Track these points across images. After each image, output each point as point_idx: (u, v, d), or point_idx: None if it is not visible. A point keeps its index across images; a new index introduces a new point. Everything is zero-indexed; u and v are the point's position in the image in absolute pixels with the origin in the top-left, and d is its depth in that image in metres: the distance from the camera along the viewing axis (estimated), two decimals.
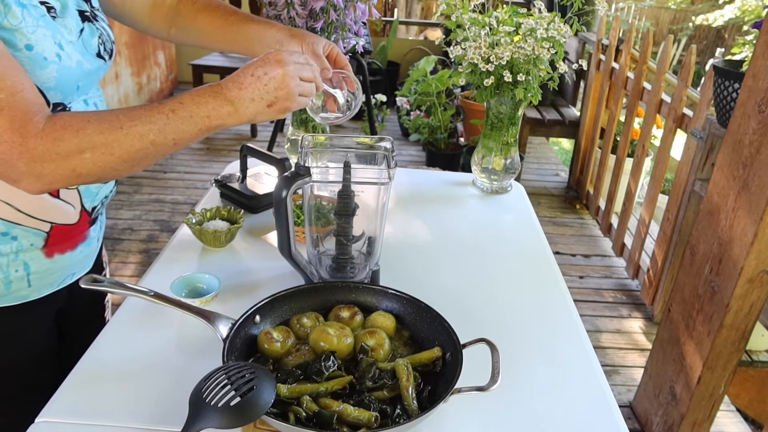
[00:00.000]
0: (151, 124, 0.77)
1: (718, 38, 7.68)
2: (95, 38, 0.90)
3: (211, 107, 0.79)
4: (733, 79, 1.83)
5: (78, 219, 0.95)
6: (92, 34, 0.90)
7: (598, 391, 0.87)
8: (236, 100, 0.80)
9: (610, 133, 3.27)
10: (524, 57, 1.30)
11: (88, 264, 1.04)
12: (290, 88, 0.82)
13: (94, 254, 1.06)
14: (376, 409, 0.74)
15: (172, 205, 3.45)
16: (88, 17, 0.90)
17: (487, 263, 1.20)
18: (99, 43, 0.91)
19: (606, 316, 2.69)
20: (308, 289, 0.94)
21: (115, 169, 0.79)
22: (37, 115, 0.73)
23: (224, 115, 0.80)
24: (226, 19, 1.05)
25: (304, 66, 0.84)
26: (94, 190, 0.96)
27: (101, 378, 0.84)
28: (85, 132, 0.74)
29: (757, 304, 1.61)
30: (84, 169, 0.75)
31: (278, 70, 0.81)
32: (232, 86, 0.80)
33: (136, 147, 0.77)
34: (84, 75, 0.87)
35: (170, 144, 0.79)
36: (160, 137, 0.78)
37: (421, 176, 1.61)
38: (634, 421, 2.09)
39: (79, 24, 0.87)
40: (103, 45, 0.92)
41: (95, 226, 1.02)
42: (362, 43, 1.32)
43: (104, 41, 0.93)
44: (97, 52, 0.90)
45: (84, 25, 0.88)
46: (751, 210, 1.51)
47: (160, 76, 4.90)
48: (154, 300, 0.85)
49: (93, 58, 0.89)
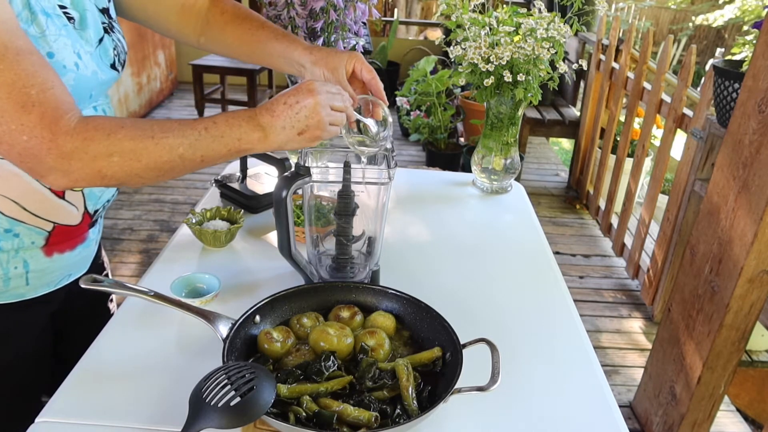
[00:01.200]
0: (183, 138, 0.78)
1: (718, 38, 7.68)
2: (111, 49, 0.92)
3: (243, 131, 0.81)
4: (733, 79, 1.83)
5: (80, 220, 0.95)
6: (110, 44, 0.92)
7: (598, 391, 0.87)
8: (268, 127, 0.82)
9: (610, 133, 3.27)
10: (524, 57, 1.30)
11: (85, 266, 1.04)
12: (321, 116, 0.83)
13: (92, 256, 1.06)
14: (376, 409, 0.74)
15: (172, 205, 3.45)
16: (106, 29, 0.92)
17: (487, 263, 1.20)
18: (114, 54, 0.93)
19: (606, 316, 2.69)
20: (308, 289, 0.94)
21: (140, 177, 0.80)
22: (68, 113, 0.74)
23: (254, 140, 0.82)
24: (253, 35, 1.05)
25: (335, 95, 0.85)
26: (98, 193, 0.97)
27: (101, 378, 0.84)
28: (116, 136, 0.75)
29: (757, 304, 1.61)
30: (110, 172, 0.76)
31: (310, 99, 0.82)
32: (265, 113, 0.82)
33: (165, 158, 0.78)
34: (98, 84, 0.88)
35: (198, 160, 0.80)
36: (189, 152, 0.79)
37: (421, 176, 1.61)
38: (634, 421, 2.09)
39: (99, 34, 0.89)
40: (118, 56, 0.94)
41: (94, 228, 1.02)
42: (362, 43, 1.32)
43: (119, 52, 0.95)
44: (112, 63, 0.92)
45: (103, 36, 0.90)
46: (751, 210, 1.52)
47: (160, 76, 4.90)
48: (154, 300, 0.85)
49: (108, 68, 0.91)
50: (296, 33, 1.23)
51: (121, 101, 4.14)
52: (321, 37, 1.25)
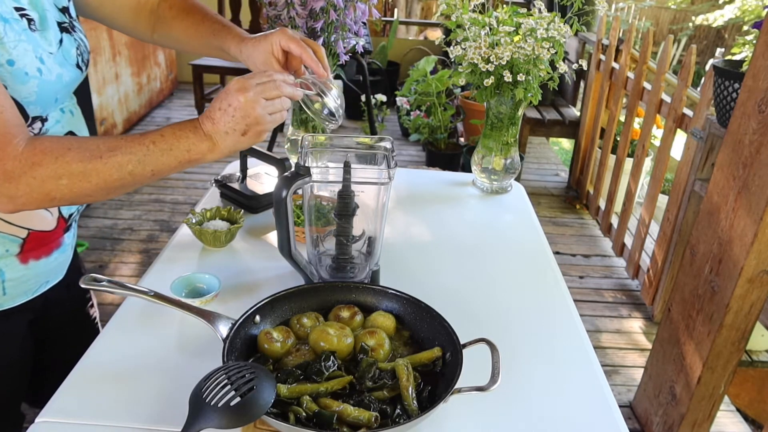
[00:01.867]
0: (131, 155, 0.77)
1: (718, 38, 7.68)
2: (74, 49, 0.90)
3: (191, 142, 0.80)
4: (733, 79, 1.83)
5: (55, 225, 0.94)
6: (71, 44, 0.90)
7: (598, 391, 0.87)
8: (213, 134, 0.81)
9: (610, 133, 3.27)
10: (524, 57, 1.30)
11: (61, 271, 1.03)
12: (257, 113, 0.81)
13: (68, 262, 1.04)
14: (376, 409, 0.74)
15: (172, 205, 3.45)
16: (67, 28, 0.90)
17: (487, 263, 1.20)
18: (77, 54, 0.91)
19: (606, 316, 2.69)
20: (308, 289, 0.94)
21: (90, 196, 0.79)
22: (16, 137, 0.73)
23: (204, 150, 0.81)
24: (196, 29, 1.05)
25: (266, 85, 0.82)
26: None
27: (101, 378, 0.84)
28: (64, 159, 0.75)
29: (757, 304, 1.61)
30: (59, 194, 0.76)
31: (240, 98, 0.80)
32: (206, 121, 0.81)
33: (114, 176, 0.78)
34: (63, 87, 0.87)
35: (148, 175, 0.80)
36: (138, 168, 0.79)
37: (421, 176, 1.61)
38: (634, 421, 2.09)
39: (57, 35, 0.87)
40: (81, 56, 0.92)
41: (69, 233, 1.01)
42: (362, 43, 1.32)
43: (82, 52, 0.93)
44: (76, 63, 0.90)
45: (63, 36, 0.88)
46: (751, 210, 1.51)
47: (160, 76, 4.90)
48: (154, 300, 0.85)
49: (72, 68, 0.89)
50: None
51: (121, 101, 4.14)
52: (321, 37, 1.25)
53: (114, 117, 4.02)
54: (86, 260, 2.84)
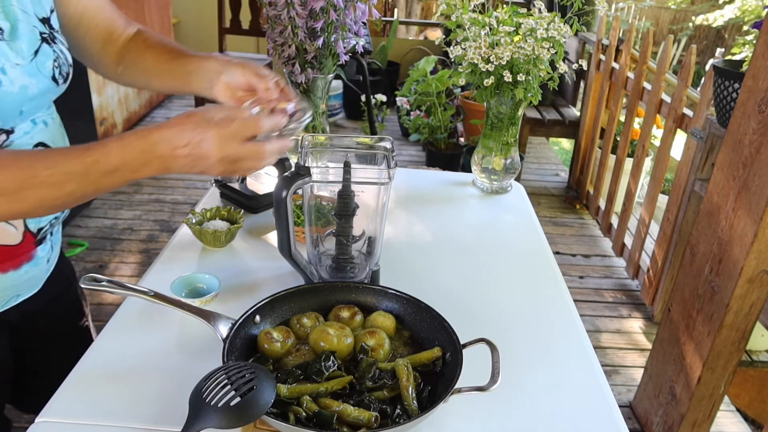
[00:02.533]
0: (70, 174, 0.71)
1: (718, 38, 7.68)
2: (50, 61, 0.87)
3: (140, 163, 0.73)
4: (733, 79, 1.83)
5: (21, 240, 0.89)
6: (47, 57, 0.86)
7: (598, 391, 0.87)
8: (167, 159, 0.74)
9: (610, 133, 3.27)
10: (524, 57, 1.30)
11: (36, 285, 0.98)
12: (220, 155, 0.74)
13: (44, 275, 1.00)
14: (376, 409, 0.74)
15: (172, 205, 3.45)
16: (46, 39, 0.87)
17: (487, 263, 1.20)
18: (54, 66, 0.88)
19: (606, 316, 2.69)
20: (308, 289, 0.94)
21: (29, 213, 0.76)
22: None
23: (153, 171, 0.74)
24: (169, 54, 1.01)
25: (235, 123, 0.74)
26: None
27: (101, 378, 0.84)
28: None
29: (757, 304, 1.61)
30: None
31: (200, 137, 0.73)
32: (165, 147, 0.73)
33: (53, 196, 0.72)
34: (28, 99, 0.83)
35: (90, 193, 0.75)
36: (79, 188, 0.73)
37: (421, 176, 1.61)
38: (634, 421, 2.09)
39: (33, 45, 0.84)
40: (59, 68, 0.89)
41: (44, 246, 0.96)
42: (362, 43, 1.32)
43: (60, 64, 0.89)
44: (52, 76, 0.87)
45: (42, 47, 0.85)
46: (751, 210, 1.51)
47: None
48: (154, 300, 0.85)
49: (45, 80, 0.86)
50: (296, 33, 1.23)
51: (121, 101, 4.14)
52: (321, 37, 1.25)
53: (114, 117, 4.02)
54: (86, 260, 2.84)
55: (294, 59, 1.28)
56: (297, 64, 1.28)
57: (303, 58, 1.27)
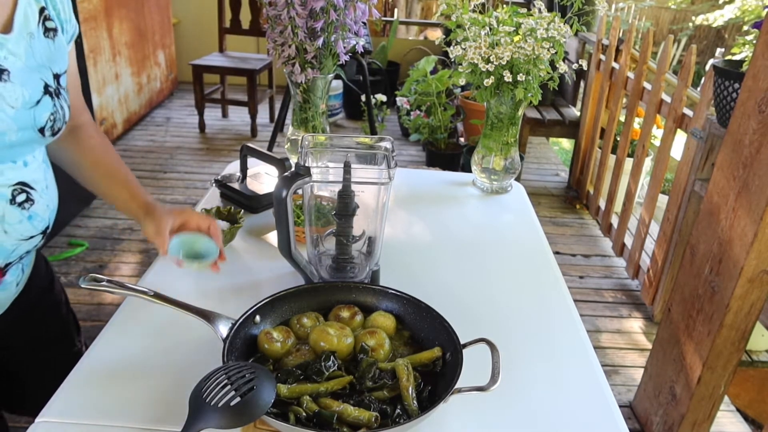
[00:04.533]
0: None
1: (718, 38, 7.68)
2: (47, 114, 0.88)
3: None
4: (733, 79, 1.83)
5: None
6: (46, 109, 0.87)
7: (598, 391, 0.87)
8: None
9: (610, 133, 3.27)
10: (524, 57, 1.30)
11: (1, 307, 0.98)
12: None
13: (10, 298, 1.00)
14: (376, 409, 0.74)
15: (172, 205, 3.45)
16: (51, 92, 0.88)
17: (487, 263, 1.20)
18: (50, 119, 0.88)
19: (606, 316, 2.69)
20: (308, 289, 0.94)
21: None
22: None
23: None
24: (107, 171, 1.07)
25: None
26: (10, 247, 0.91)
27: (101, 378, 0.84)
28: None
29: (757, 304, 1.61)
30: None
31: None
32: None
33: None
34: (4, 146, 0.83)
35: None
36: None
37: (421, 176, 1.61)
38: (634, 421, 2.09)
39: (36, 95, 0.85)
40: (53, 122, 0.89)
41: (13, 271, 0.96)
42: (362, 43, 1.32)
43: (56, 119, 0.90)
44: (41, 127, 0.87)
45: (43, 99, 0.86)
46: (751, 210, 1.51)
47: (160, 76, 4.90)
48: (154, 300, 0.85)
49: (30, 131, 0.86)
50: (296, 33, 1.23)
51: (121, 101, 4.14)
52: (321, 37, 1.25)
53: (114, 117, 4.02)
54: (86, 260, 2.84)
55: (294, 59, 1.28)
56: (297, 64, 1.28)
57: (303, 58, 1.27)
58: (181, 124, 4.70)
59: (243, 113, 4.86)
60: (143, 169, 3.88)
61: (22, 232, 0.90)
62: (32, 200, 0.91)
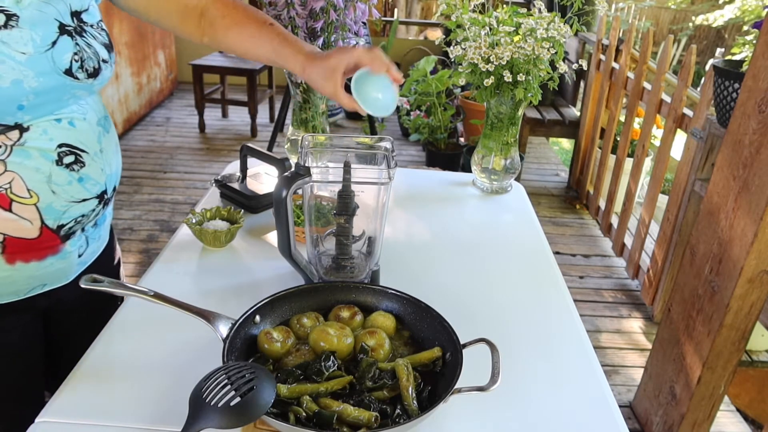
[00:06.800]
0: None
1: (718, 38, 7.68)
2: (69, 54, 0.84)
3: None
4: (733, 79, 1.83)
5: (38, 234, 0.88)
6: (66, 49, 0.84)
7: (598, 391, 0.87)
8: None
9: (610, 133, 3.28)
10: (524, 57, 1.30)
11: (65, 277, 0.98)
12: None
13: (75, 269, 0.99)
14: (376, 409, 0.74)
15: (172, 205, 3.45)
16: (69, 32, 0.85)
17: (487, 263, 1.20)
18: (74, 59, 0.85)
19: (606, 316, 2.69)
20: (308, 289, 0.94)
21: None
22: None
23: None
24: (253, 44, 1.04)
25: None
26: (60, 208, 0.89)
27: (101, 378, 0.84)
28: None
29: (757, 304, 1.61)
30: None
31: None
32: None
33: None
34: (25, 94, 0.80)
35: None
36: None
37: (421, 176, 1.61)
38: (634, 421, 2.09)
39: (51, 36, 0.82)
40: (80, 62, 0.86)
41: (74, 240, 0.95)
42: (362, 43, 1.32)
43: (83, 59, 0.87)
44: (67, 69, 0.84)
45: (58, 39, 0.83)
46: (751, 210, 1.51)
47: (160, 76, 4.90)
48: (154, 300, 0.85)
49: (56, 75, 0.83)
50: (296, 33, 1.23)
51: (121, 101, 4.14)
52: (321, 37, 1.25)
53: (114, 117, 4.02)
54: None
55: None
56: None
57: None
58: (181, 124, 4.70)
59: (243, 113, 4.87)
60: (143, 169, 3.88)
61: (72, 194, 0.89)
62: (82, 162, 0.90)
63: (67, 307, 1.05)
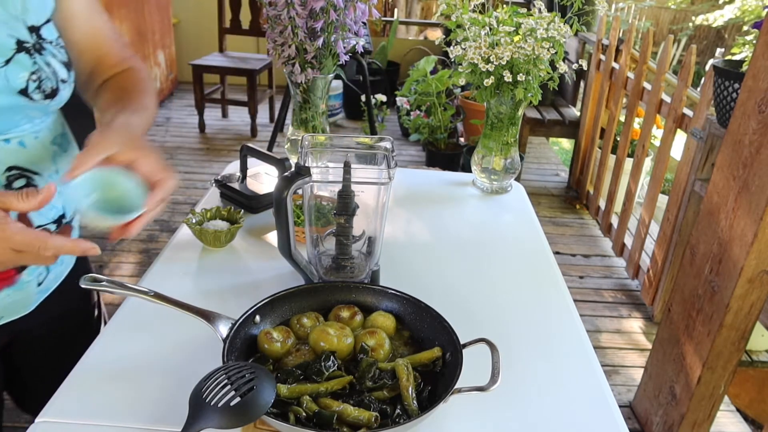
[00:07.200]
0: None
1: (718, 38, 7.68)
2: (25, 73, 0.78)
3: None
4: (733, 79, 1.83)
5: None
6: (22, 68, 0.78)
7: (598, 391, 0.87)
8: None
9: (610, 133, 3.28)
10: (524, 57, 1.30)
11: (23, 308, 0.93)
12: None
13: (35, 298, 0.95)
14: (376, 409, 0.74)
15: (172, 205, 3.45)
16: (27, 49, 0.79)
17: (487, 263, 1.20)
18: (32, 79, 0.79)
19: (606, 316, 2.69)
20: (308, 289, 0.94)
21: None
22: None
23: None
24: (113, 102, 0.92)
25: None
26: None
27: (101, 378, 0.84)
28: None
29: (757, 304, 1.61)
30: None
31: None
32: None
33: None
34: None
35: None
36: None
37: (421, 176, 1.61)
38: (634, 421, 2.09)
39: (5, 53, 0.76)
40: (38, 82, 0.80)
41: (31, 269, 0.90)
42: (362, 43, 1.32)
43: (41, 78, 0.81)
44: (23, 89, 0.78)
45: (13, 57, 0.77)
46: (751, 210, 1.51)
47: (160, 76, 4.90)
48: (154, 300, 0.85)
49: (10, 94, 0.77)
50: (296, 33, 1.23)
51: None
52: (321, 37, 1.25)
53: None
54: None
55: (294, 59, 1.28)
56: (297, 64, 1.29)
57: (303, 58, 1.28)
58: (181, 124, 4.70)
59: (243, 113, 4.87)
60: None
61: None
62: (35, 186, 0.82)
63: (29, 337, 1.01)
